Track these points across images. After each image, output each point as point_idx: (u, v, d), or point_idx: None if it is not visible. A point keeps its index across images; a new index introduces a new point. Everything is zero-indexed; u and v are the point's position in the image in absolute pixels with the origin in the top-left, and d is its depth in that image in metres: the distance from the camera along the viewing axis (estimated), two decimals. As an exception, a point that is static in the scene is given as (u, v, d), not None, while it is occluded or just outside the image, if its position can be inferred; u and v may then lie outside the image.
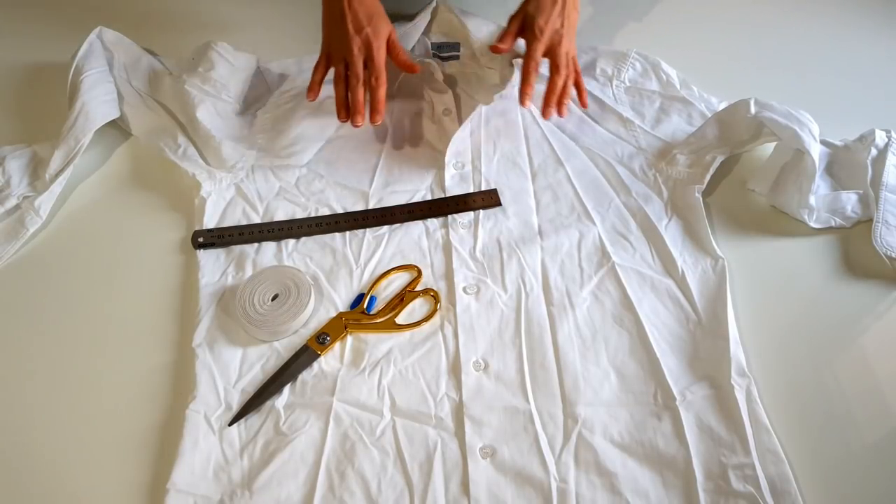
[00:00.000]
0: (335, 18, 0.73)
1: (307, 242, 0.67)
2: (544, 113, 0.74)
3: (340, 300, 0.63)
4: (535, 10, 0.75)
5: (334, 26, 0.73)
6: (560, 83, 0.74)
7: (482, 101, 0.76)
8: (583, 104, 0.77)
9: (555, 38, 0.74)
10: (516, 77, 0.77)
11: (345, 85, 0.72)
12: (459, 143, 0.74)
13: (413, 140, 0.77)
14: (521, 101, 0.73)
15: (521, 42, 0.82)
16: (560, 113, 0.75)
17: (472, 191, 0.72)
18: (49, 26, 0.92)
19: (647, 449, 0.54)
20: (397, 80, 0.79)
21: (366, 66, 0.71)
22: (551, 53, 0.74)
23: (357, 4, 0.72)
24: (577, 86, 0.77)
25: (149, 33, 0.87)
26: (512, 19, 0.78)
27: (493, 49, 0.77)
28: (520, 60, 0.79)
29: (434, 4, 0.87)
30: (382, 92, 0.71)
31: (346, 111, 0.72)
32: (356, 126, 0.71)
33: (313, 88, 0.74)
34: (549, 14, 0.74)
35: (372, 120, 0.71)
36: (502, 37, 0.77)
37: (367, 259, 0.66)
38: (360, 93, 0.71)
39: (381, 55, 0.71)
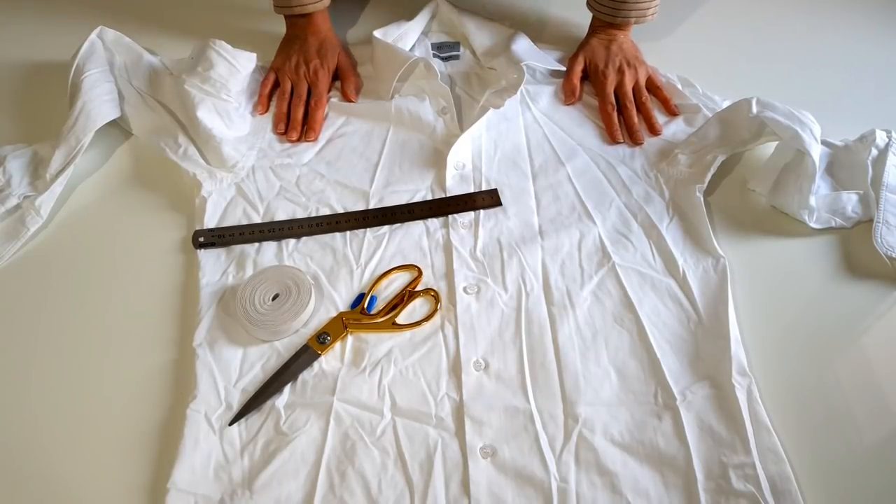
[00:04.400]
0: (292, 44, 0.82)
1: (308, 242, 0.67)
2: (636, 140, 0.76)
3: (341, 300, 0.63)
4: (591, 55, 0.82)
5: (290, 52, 0.82)
6: (631, 115, 0.77)
7: (493, 104, 0.76)
8: (653, 132, 0.77)
9: (618, 76, 0.80)
10: (525, 80, 0.78)
11: (287, 102, 0.79)
12: (461, 144, 0.74)
13: (413, 140, 0.77)
14: (635, 140, 0.76)
15: (522, 45, 0.83)
16: (653, 132, 0.77)
17: (472, 191, 0.72)
18: (49, 26, 0.92)
19: (648, 448, 0.54)
20: (395, 78, 0.79)
21: (309, 91, 0.80)
22: (618, 92, 0.79)
23: (313, 38, 0.82)
24: (644, 115, 0.78)
25: (149, 33, 0.87)
26: (572, 62, 0.83)
27: (566, 103, 0.80)
28: (528, 63, 0.79)
29: (434, 4, 0.87)
30: (320, 114, 0.78)
31: (285, 125, 0.77)
32: (290, 141, 0.76)
33: (262, 103, 0.80)
34: (607, 56, 0.81)
35: (307, 137, 0.76)
36: (567, 84, 0.81)
37: (367, 259, 0.66)
38: (300, 112, 0.78)
39: (324, 83, 0.80)
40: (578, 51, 0.84)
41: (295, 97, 0.79)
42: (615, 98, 0.79)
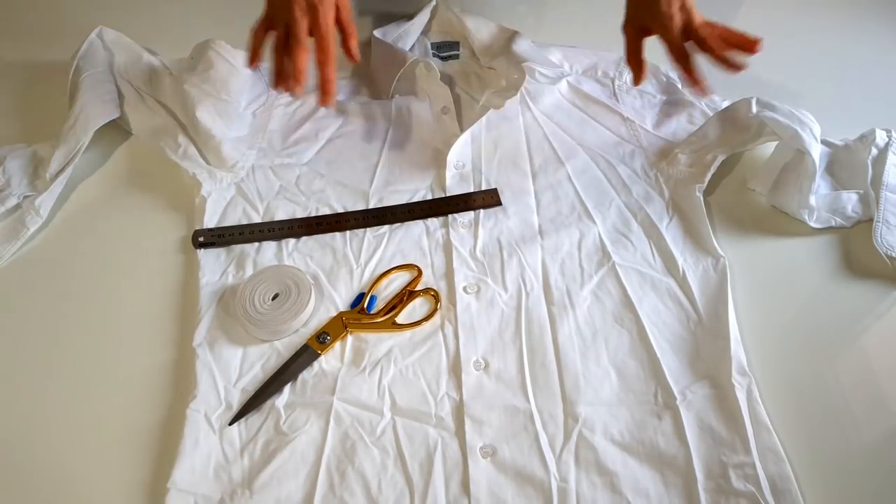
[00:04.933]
0: None
1: (307, 242, 0.67)
2: (735, 66, 0.64)
3: (341, 300, 0.63)
4: (644, 2, 0.67)
5: None
6: (717, 53, 0.64)
7: (493, 105, 0.76)
8: (751, 50, 0.64)
9: (684, 16, 0.65)
10: (527, 80, 0.78)
11: (284, 53, 0.63)
12: (461, 144, 0.74)
13: (413, 139, 0.77)
14: (703, 94, 0.66)
15: (522, 44, 0.83)
16: (735, 65, 0.64)
17: (472, 190, 0.72)
18: (49, 26, 0.92)
19: (648, 448, 0.54)
20: (395, 78, 0.79)
21: (311, 33, 0.62)
22: (692, 34, 0.65)
23: None
24: (726, 38, 0.65)
25: (149, 33, 0.87)
26: (626, 28, 0.70)
27: (636, 84, 0.71)
28: (529, 64, 0.79)
29: (434, 3, 0.87)
30: (331, 69, 0.61)
31: (284, 80, 0.63)
32: (295, 97, 0.62)
33: (254, 56, 0.66)
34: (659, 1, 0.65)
35: (321, 101, 0.62)
36: (629, 58, 0.70)
37: (367, 258, 0.66)
38: (302, 59, 0.61)
39: (327, 21, 0.62)
40: (628, 13, 0.70)
41: (293, 42, 0.62)
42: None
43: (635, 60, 0.70)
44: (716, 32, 0.65)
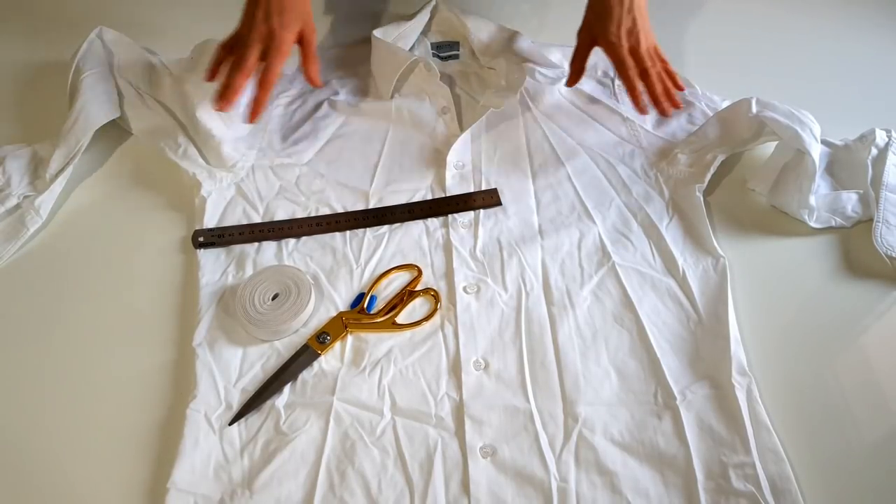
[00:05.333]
0: (251, 3, 0.70)
1: (307, 242, 0.67)
2: (663, 111, 0.72)
3: (341, 300, 0.63)
4: (598, 17, 0.72)
5: (248, 11, 0.70)
6: (655, 81, 0.71)
7: (493, 105, 0.76)
8: (678, 87, 0.73)
9: (632, 39, 0.71)
10: (527, 80, 0.78)
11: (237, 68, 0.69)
12: (461, 143, 0.74)
13: (413, 139, 0.77)
14: (641, 111, 0.72)
15: (522, 44, 0.83)
16: (674, 104, 0.72)
17: (472, 190, 0.72)
18: (49, 26, 0.92)
19: (648, 448, 0.54)
20: (395, 78, 0.79)
21: (263, 58, 0.68)
22: (635, 57, 0.72)
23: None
24: (669, 74, 0.73)
25: (149, 33, 0.87)
26: (580, 34, 0.76)
27: (569, 84, 0.78)
28: (529, 64, 0.79)
29: (433, 4, 0.87)
30: (265, 93, 0.68)
31: (220, 96, 0.68)
32: (219, 110, 0.68)
33: (212, 70, 0.71)
34: (619, 16, 0.71)
35: (248, 119, 0.69)
36: (574, 60, 0.76)
37: (367, 258, 0.66)
38: (238, 80, 0.67)
39: (281, 50, 0.68)
40: (584, 25, 0.76)
41: (240, 60, 0.68)
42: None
43: (578, 65, 0.76)
44: (656, 68, 0.72)
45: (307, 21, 0.72)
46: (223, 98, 0.67)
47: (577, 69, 0.77)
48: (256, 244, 0.67)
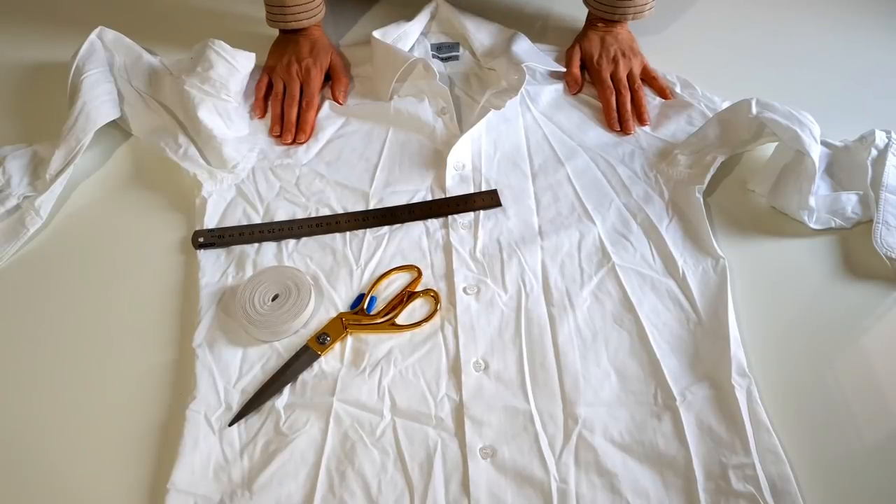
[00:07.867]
0: (284, 46, 0.83)
1: (307, 242, 0.67)
2: (626, 129, 0.77)
3: (341, 300, 0.63)
4: (587, 46, 0.84)
5: (282, 53, 0.82)
6: (625, 102, 0.79)
7: (493, 105, 0.76)
8: (641, 122, 0.78)
9: (612, 67, 0.81)
10: (527, 81, 0.78)
11: (281, 103, 0.79)
12: (461, 144, 0.74)
13: (413, 140, 0.77)
14: (611, 127, 0.78)
15: (522, 45, 0.83)
16: (641, 122, 0.78)
17: (472, 191, 0.72)
18: (49, 26, 0.92)
19: (648, 449, 0.54)
20: (394, 79, 0.79)
21: (302, 90, 0.79)
22: (612, 78, 0.81)
23: (304, 39, 0.82)
24: (636, 102, 0.80)
25: (149, 33, 0.87)
26: (570, 53, 0.85)
27: (571, 93, 0.82)
28: (529, 64, 0.79)
29: (434, 4, 0.87)
30: (312, 115, 0.78)
31: (280, 128, 0.77)
32: (285, 143, 0.76)
33: (258, 106, 0.80)
34: (602, 46, 0.83)
35: (297, 138, 0.76)
36: (568, 75, 0.83)
37: (367, 259, 0.66)
38: (293, 113, 0.78)
39: (316, 83, 0.80)
40: (575, 42, 0.86)
41: (288, 97, 0.79)
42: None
43: (570, 76, 0.83)
44: (629, 96, 0.79)
45: (333, 52, 0.83)
46: (288, 132, 0.77)
47: (572, 80, 0.82)
48: (256, 245, 0.67)
